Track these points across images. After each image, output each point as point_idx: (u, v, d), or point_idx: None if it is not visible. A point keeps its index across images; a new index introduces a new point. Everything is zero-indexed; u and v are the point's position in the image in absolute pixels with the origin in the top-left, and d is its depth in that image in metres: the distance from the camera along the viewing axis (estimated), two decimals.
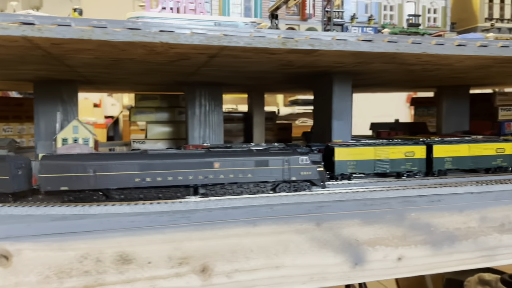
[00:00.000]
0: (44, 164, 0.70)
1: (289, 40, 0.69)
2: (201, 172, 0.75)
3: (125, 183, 0.72)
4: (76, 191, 0.71)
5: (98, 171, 0.71)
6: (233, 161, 0.77)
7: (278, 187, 0.80)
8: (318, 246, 0.73)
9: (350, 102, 1.11)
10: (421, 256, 0.79)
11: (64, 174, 0.70)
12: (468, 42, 0.79)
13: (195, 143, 1.44)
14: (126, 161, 0.73)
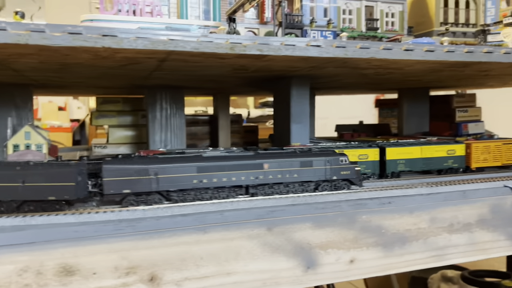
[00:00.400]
0: (106, 169, 0.73)
1: (237, 45, 0.69)
2: (252, 173, 0.80)
3: (184, 185, 0.76)
4: (138, 194, 0.74)
5: (159, 174, 0.75)
6: (281, 162, 0.81)
7: (320, 186, 0.84)
8: (270, 251, 0.73)
9: (308, 105, 1.12)
10: (372, 258, 0.80)
11: (126, 177, 0.73)
12: (415, 47, 0.80)
13: (156, 147, 1.42)
14: (185, 164, 0.77)
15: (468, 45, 1.05)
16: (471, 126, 1.65)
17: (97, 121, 1.68)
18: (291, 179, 0.82)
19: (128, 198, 0.74)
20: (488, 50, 0.85)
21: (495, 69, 1.01)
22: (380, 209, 0.80)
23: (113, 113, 1.67)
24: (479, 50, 0.85)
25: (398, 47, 0.79)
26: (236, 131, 1.96)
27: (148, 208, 0.70)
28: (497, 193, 0.88)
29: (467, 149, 0.99)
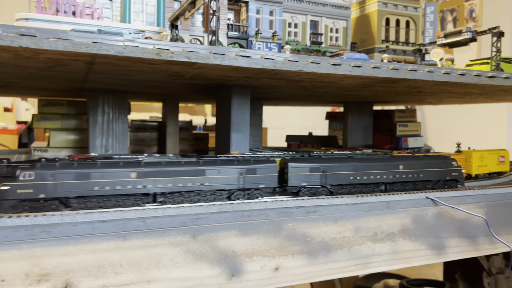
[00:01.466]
0: (291, 166, 0.90)
1: (164, 51, 0.69)
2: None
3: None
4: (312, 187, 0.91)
5: (327, 171, 0.92)
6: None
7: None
8: (193, 259, 0.73)
9: (248, 115, 1.13)
10: (298, 265, 0.81)
11: (304, 173, 0.90)
12: (343, 62, 0.84)
13: (97, 152, 1.39)
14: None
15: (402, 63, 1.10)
16: (411, 140, 1.73)
17: (38, 123, 1.63)
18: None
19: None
20: (412, 68, 0.90)
21: (424, 86, 1.07)
22: (306, 218, 0.82)
23: (57, 116, 1.61)
24: (404, 67, 0.89)
25: (326, 61, 0.81)
26: (186, 138, 1.94)
27: (67, 213, 0.68)
28: (419, 204, 0.92)
29: None
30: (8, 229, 0.62)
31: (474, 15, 3.54)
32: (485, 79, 0.97)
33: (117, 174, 0.74)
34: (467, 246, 0.98)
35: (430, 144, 3.74)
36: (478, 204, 0.98)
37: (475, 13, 3.53)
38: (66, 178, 0.70)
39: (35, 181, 0.68)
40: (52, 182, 0.69)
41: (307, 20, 1.44)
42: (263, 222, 0.78)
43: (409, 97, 1.48)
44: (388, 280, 2.23)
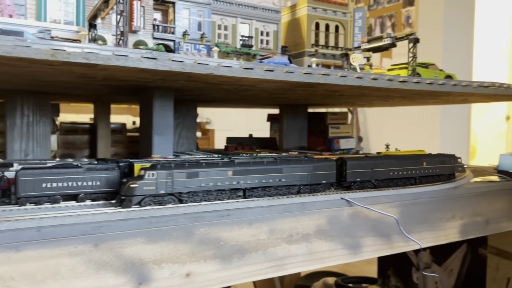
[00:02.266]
0: (349, 163, 1.03)
1: (60, 52, 0.66)
2: None
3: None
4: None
5: (374, 168, 1.06)
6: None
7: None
8: (95, 268, 0.70)
9: (171, 117, 1.11)
10: (210, 270, 0.80)
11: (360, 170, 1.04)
12: (255, 66, 0.84)
13: (16, 156, 1.31)
14: None
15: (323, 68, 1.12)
16: (343, 141, 1.78)
17: None
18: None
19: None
20: (325, 72, 0.92)
21: (343, 90, 1.10)
22: (219, 222, 0.81)
23: None
24: (317, 72, 0.91)
25: (238, 65, 0.81)
26: (119, 141, 1.88)
27: None
28: (334, 205, 0.94)
29: None
30: None
31: (411, 21, 3.71)
32: (397, 83, 1.01)
33: (218, 172, 0.86)
34: (382, 244, 1.01)
35: (371, 146, 3.87)
36: (392, 203, 1.02)
37: (412, 19, 3.70)
38: (180, 176, 0.82)
39: (157, 180, 0.80)
40: (170, 180, 0.81)
41: (237, 23, 1.44)
42: (172, 228, 0.77)
43: (337, 100, 1.52)
44: (327, 279, 2.28)
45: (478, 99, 1.45)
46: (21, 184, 0.75)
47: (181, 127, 1.53)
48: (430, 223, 1.09)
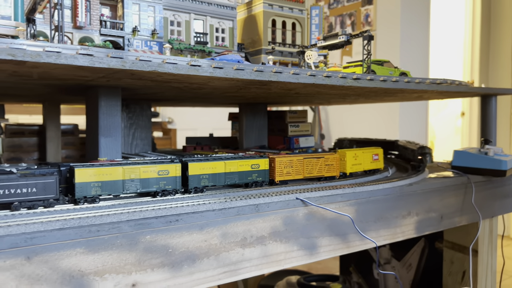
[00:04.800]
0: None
1: None
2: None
3: None
4: None
5: None
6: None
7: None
8: (29, 284, 0.64)
9: (119, 117, 1.06)
10: (158, 280, 0.76)
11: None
12: (204, 63, 0.80)
13: None
14: None
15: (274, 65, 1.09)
16: (302, 140, 1.77)
17: None
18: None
19: None
20: (278, 70, 0.89)
21: (297, 88, 1.08)
22: (166, 228, 0.77)
23: None
24: (269, 69, 0.88)
25: (184, 61, 0.77)
26: (71, 143, 1.80)
27: None
28: (289, 206, 0.92)
29: (271, 163, 1.03)
30: None
31: (370, 19, 3.77)
32: (351, 80, 1.00)
33: None
34: (338, 244, 1.00)
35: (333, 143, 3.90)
36: (348, 202, 1.01)
37: (370, 18, 3.76)
38: None
39: None
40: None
41: (190, 19, 1.39)
42: (115, 237, 0.72)
43: (294, 98, 1.50)
44: (290, 277, 2.27)
45: (432, 96, 1.48)
46: None
47: (134, 128, 1.47)
48: (386, 220, 1.09)
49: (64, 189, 0.84)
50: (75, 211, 0.74)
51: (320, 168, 1.10)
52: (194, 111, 4.45)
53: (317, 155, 1.10)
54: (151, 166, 0.88)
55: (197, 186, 0.94)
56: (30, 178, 0.76)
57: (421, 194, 1.17)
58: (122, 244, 0.72)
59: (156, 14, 1.30)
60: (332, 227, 0.98)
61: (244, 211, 0.86)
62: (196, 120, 4.63)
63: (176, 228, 0.78)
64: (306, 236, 0.94)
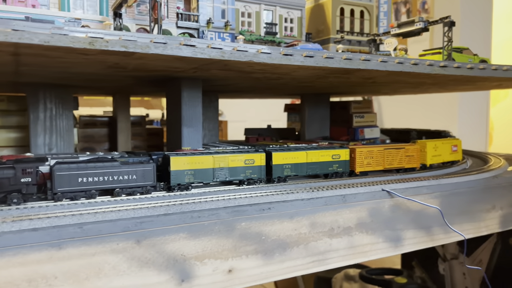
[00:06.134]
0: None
1: (98, 40, 0.62)
2: None
3: None
4: None
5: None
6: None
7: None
8: (138, 266, 0.68)
9: (200, 108, 1.08)
10: (252, 266, 0.78)
11: None
12: (295, 52, 0.80)
13: (39, 151, 1.29)
14: None
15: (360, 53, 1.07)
16: (367, 131, 1.73)
17: None
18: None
19: None
20: (366, 58, 0.87)
21: (378, 77, 1.05)
22: (260, 215, 0.78)
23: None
24: (358, 57, 0.87)
25: (277, 51, 0.78)
26: (139, 133, 1.86)
27: None
28: (375, 197, 0.90)
29: (351, 154, 1.02)
30: None
31: (427, 6, 3.63)
32: (438, 68, 0.97)
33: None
34: (422, 237, 0.97)
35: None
36: (433, 194, 0.98)
37: (427, 5, 3.61)
38: None
39: None
40: None
41: (261, 10, 1.39)
42: (214, 223, 0.74)
43: (365, 88, 1.47)
44: (348, 270, 2.25)
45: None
46: (57, 179, 0.72)
47: (203, 119, 1.50)
48: (470, 214, 1.05)
49: (156, 176, 0.87)
50: (176, 197, 0.76)
51: (401, 159, 1.07)
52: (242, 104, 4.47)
53: (397, 145, 1.07)
54: (239, 155, 0.89)
55: (280, 176, 0.94)
56: (131, 165, 0.79)
57: (507, 187, 1.11)
58: (220, 230, 0.74)
59: (228, 6, 1.31)
60: (416, 220, 0.96)
61: (332, 201, 0.86)
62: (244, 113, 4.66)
63: (268, 216, 0.79)
64: (391, 228, 0.93)
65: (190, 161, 0.85)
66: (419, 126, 3.31)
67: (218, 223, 0.74)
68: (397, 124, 3.65)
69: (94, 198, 0.76)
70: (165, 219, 0.70)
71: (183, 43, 0.69)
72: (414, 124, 3.43)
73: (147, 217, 0.69)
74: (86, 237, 0.64)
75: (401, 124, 3.57)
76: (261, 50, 0.75)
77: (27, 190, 0.72)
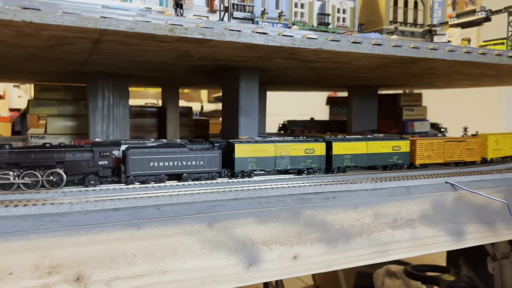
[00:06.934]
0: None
1: (178, 27, 0.64)
2: None
3: None
4: None
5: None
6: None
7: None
8: (210, 248, 0.69)
9: (257, 98, 1.09)
10: (316, 254, 0.78)
11: None
12: (363, 40, 0.79)
13: (97, 138, 1.34)
14: None
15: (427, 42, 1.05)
16: (417, 124, 1.70)
17: (34, 109, 1.57)
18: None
19: None
20: (433, 47, 0.86)
21: (440, 67, 1.03)
22: (324, 204, 0.78)
23: (53, 101, 1.56)
24: (425, 46, 0.85)
25: (346, 39, 0.77)
26: (186, 124, 1.90)
27: (76, 201, 0.63)
28: (438, 189, 0.89)
29: (411, 146, 1.00)
30: (15, 218, 0.58)
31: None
32: (506, 58, 0.93)
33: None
34: (485, 231, 0.95)
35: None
36: (497, 188, 0.95)
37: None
38: None
39: None
40: None
41: (313, 0, 1.38)
42: (281, 209, 0.75)
43: (419, 79, 1.44)
44: (390, 266, 2.22)
45: None
46: (130, 163, 0.75)
47: None
48: None
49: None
50: (244, 183, 0.78)
51: (461, 152, 1.04)
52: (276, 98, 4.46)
53: (458, 138, 1.05)
54: (299, 145, 0.90)
55: (340, 166, 0.94)
56: (199, 151, 0.81)
57: None
58: (286, 217, 0.75)
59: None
60: (479, 214, 0.94)
61: (395, 192, 0.85)
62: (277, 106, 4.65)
63: (332, 205, 0.79)
64: (453, 221, 0.91)
65: (253, 149, 0.86)
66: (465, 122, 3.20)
67: (285, 209, 0.75)
68: (439, 120, 3.55)
69: (164, 182, 0.79)
70: (235, 204, 0.71)
71: (256, 30, 0.69)
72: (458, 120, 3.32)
73: (219, 201, 0.70)
74: (162, 218, 0.66)
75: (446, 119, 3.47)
76: (330, 38, 0.75)
77: (103, 173, 0.75)
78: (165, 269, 0.66)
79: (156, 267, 0.65)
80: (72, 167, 0.72)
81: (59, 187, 0.72)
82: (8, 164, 0.69)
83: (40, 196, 0.68)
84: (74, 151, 0.72)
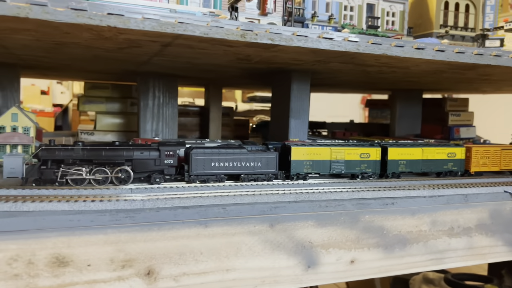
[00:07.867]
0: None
1: (248, 32, 0.66)
2: None
3: None
4: None
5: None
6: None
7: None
8: (271, 249, 0.71)
9: (308, 101, 1.10)
10: (373, 259, 0.78)
11: None
12: (427, 46, 0.79)
13: (147, 136, 1.38)
14: None
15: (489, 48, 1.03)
16: (463, 130, 1.66)
17: (84, 106, 1.64)
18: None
19: None
20: (497, 53, 0.84)
21: (497, 73, 1.01)
22: (383, 210, 0.78)
23: (101, 99, 1.62)
24: (488, 53, 0.84)
25: (410, 45, 0.77)
26: (227, 124, 1.93)
27: (147, 198, 0.66)
28: (497, 198, 0.87)
29: (467, 153, 0.99)
30: (94, 213, 0.61)
31: None
32: None
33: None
34: None
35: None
36: None
37: None
38: None
39: None
40: None
41: (363, 3, 1.38)
42: (340, 213, 0.75)
43: (469, 85, 1.41)
44: (427, 273, 2.18)
45: None
46: (193, 162, 0.78)
47: None
48: None
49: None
50: (304, 186, 0.79)
51: None
52: None
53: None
54: (355, 149, 0.90)
55: (395, 172, 0.94)
56: (257, 153, 0.83)
57: None
58: (345, 221, 0.76)
59: (332, 0, 1.31)
60: None
61: (453, 200, 0.84)
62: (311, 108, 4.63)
63: (391, 211, 0.79)
64: (511, 231, 0.89)
65: (309, 152, 0.87)
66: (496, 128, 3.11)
67: (344, 214, 0.76)
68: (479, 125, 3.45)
69: (223, 182, 0.81)
70: (296, 206, 0.72)
71: (322, 36, 0.70)
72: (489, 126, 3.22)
73: (280, 203, 0.71)
74: (228, 218, 0.68)
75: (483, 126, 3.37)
76: (394, 43, 0.75)
77: (168, 171, 0.78)
78: (228, 267, 0.68)
79: (220, 265, 0.67)
80: (139, 165, 0.75)
81: (126, 184, 0.75)
82: (81, 161, 0.73)
83: (109, 192, 0.71)
84: (142, 150, 0.75)
